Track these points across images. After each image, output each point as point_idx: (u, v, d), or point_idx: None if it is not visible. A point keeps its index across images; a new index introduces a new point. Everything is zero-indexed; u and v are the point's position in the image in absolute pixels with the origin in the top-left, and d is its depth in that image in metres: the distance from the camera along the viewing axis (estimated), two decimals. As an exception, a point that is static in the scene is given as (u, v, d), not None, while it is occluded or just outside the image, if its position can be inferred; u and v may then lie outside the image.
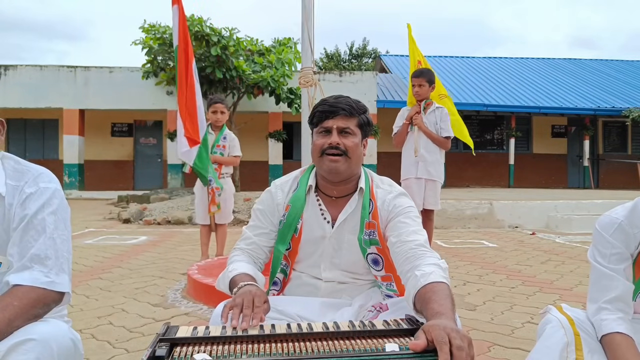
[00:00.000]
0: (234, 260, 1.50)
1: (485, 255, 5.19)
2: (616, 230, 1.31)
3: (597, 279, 1.31)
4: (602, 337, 1.25)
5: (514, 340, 2.51)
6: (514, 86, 17.22)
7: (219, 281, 1.47)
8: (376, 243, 1.46)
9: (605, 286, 1.29)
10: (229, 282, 1.39)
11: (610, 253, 1.30)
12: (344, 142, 1.44)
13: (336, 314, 1.43)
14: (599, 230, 1.34)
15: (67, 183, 14.01)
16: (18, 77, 13.97)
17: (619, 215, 1.32)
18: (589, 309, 1.32)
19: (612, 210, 1.36)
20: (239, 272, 1.40)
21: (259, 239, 1.54)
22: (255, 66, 11.97)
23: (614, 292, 1.27)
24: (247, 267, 1.45)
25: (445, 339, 0.91)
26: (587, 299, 1.33)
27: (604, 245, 1.32)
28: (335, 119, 1.44)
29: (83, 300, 3.27)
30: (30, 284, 1.16)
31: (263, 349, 0.99)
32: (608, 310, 1.26)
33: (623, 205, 1.34)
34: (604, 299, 1.27)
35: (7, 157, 1.31)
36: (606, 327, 1.24)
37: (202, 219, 4.33)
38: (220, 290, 1.47)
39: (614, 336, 1.22)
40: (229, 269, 1.43)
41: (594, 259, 1.34)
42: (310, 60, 3.47)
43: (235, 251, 1.55)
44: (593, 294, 1.32)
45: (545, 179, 16.36)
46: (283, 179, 1.61)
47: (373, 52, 30.90)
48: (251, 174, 14.17)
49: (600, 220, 1.36)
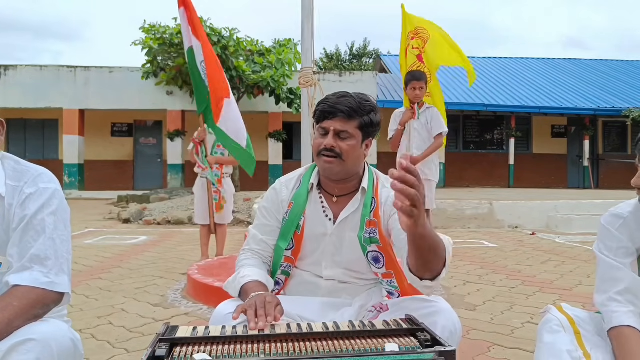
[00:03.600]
0: (245, 264, 1.48)
1: (485, 255, 5.19)
2: (622, 226, 1.31)
3: (605, 270, 1.31)
4: (610, 329, 1.23)
5: (514, 340, 2.50)
6: (514, 86, 17.22)
7: (228, 284, 1.45)
8: (376, 242, 1.46)
9: (614, 277, 1.28)
10: (240, 288, 1.38)
11: (617, 247, 1.30)
12: (339, 145, 1.42)
13: (336, 314, 1.43)
14: (605, 225, 1.34)
15: (67, 183, 14.01)
16: (18, 77, 13.97)
17: (624, 211, 1.32)
18: (597, 300, 1.30)
19: (617, 206, 1.36)
20: (251, 280, 1.39)
21: (268, 237, 1.53)
22: (256, 66, 11.98)
23: (623, 283, 1.26)
24: (259, 273, 1.44)
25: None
26: (595, 290, 1.32)
27: (610, 239, 1.32)
28: (334, 120, 1.43)
29: (83, 300, 3.27)
30: (30, 284, 1.16)
31: (263, 349, 0.99)
32: (619, 302, 1.25)
33: (627, 202, 1.34)
34: (615, 290, 1.26)
35: (7, 158, 1.30)
36: (617, 320, 1.22)
37: (201, 219, 4.33)
38: (228, 292, 1.45)
39: (623, 329, 1.21)
40: (241, 274, 1.42)
41: (600, 251, 1.34)
42: (310, 60, 3.47)
43: (245, 253, 1.53)
44: (601, 285, 1.30)
45: (545, 179, 16.35)
46: (288, 176, 1.61)
47: (374, 52, 30.88)
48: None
49: (605, 216, 1.36)
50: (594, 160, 16.87)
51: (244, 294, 1.36)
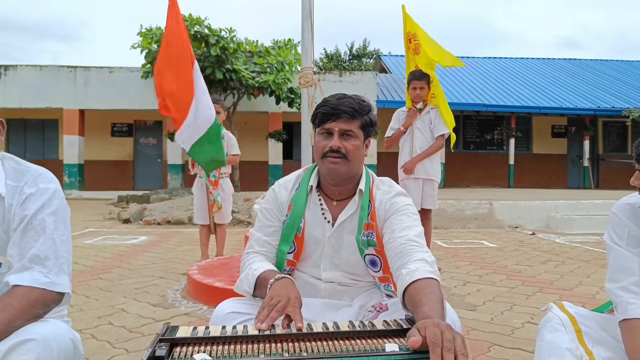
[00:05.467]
0: (253, 261, 1.46)
1: (485, 256, 5.19)
2: (633, 214, 1.30)
3: (617, 259, 1.29)
4: (622, 321, 1.21)
5: (514, 340, 2.51)
6: (514, 86, 17.22)
7: (240, 282, 1.43)
8: (374, 244, 1.46)
9: (627, 267, 1.26)
10: (255, 281, 1.37)
11: (628, 235, 1.29)
12: (344, 145, 1.43)
13: (336, 315, 1.43)
14: (616, 213, 1.33)
15: (67, 183, 14.01)
16: (18, 77, 13.97)
17: (637, 200, 1.32)
18: (609, 289, 1.28)
19: (629, 195, 1.35)
20: (265, 269, 1.38)
21: (271, 238, 1.51)
22: (255, 67, 11.98)
23: (638, 274, 1.24)
24: (271, 265, 1.44)
25: (437, 340, 0.92)
26: (607, 280, 1.30)
27: (621, 227, 1.31)
28: (338, 121, 1.43)
29: (83, 300, 3.27)
30: (29, 284, 1.16)
31: (263, 349, 0.99)
32: (635, 294, 1.23)
33: (637, 193, 1.33)
34: (630, 280, 1.24)
35: (7, 158, 1.30)
36: (632, 312, 1.20)
37: (201, 219, 4.33)
38: (240, 293, 1.43)
39: (638, 322, 1.19)
40: (252, 268, 1.40)
41: (611, 240, 1.32)
42: (310, 61, 3.47)
43: (250, 255, 1.51)
44: (614, 274, 1.29)
45: (545, 179, 16.35)
46: (286, 178, 1.60)
47: (374, 52, 30.87)
48: (251, 174, 14.17)
49: (616, 205, 1.35)
50: (594, 161, 16.87)
51: (261, 283, 1.35)
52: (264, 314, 1.14)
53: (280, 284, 1.27)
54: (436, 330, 0.94)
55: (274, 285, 1.27)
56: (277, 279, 1.29)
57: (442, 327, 0.96)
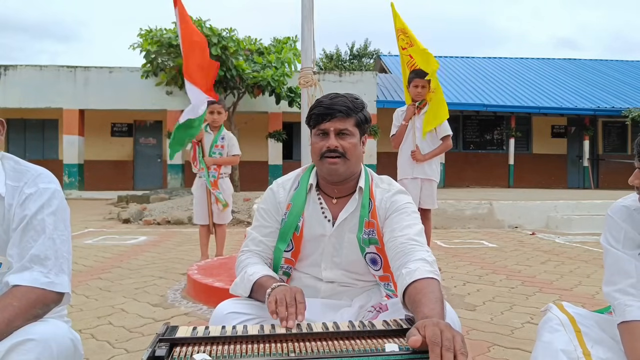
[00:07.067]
0: (248, 263, 1.46)
1: (485, 256, 5.19)
2: (628, 217, 1.30)
3: (614, 261, 1.29)
4: (621, 323, 1.21)
5: (513, 340, 2.51)
6: (514, 86, 17.23)
7: (235, 286, 1.43)
8: (375, 242, 1.46)
9: (624, 269, 1.26)
10: (252, 286, 1.37)
11: (624, 237, 1.29)
12: (342, 144, 1.43)
13: (336, 315, 1.43)
14: (611, 215, 1.33)
15: (67, 183, 14.01)
16: (18, 77, 13.97)
17: (632, 203, 1.32)
18: (607, 292, 1.28)
19: (624, 198, 1.35)
20: (263, 275, 1.37)
21: (267, 238, 1.51)
22: (255, 65, 11.99)
23: (635, 276, 1.24)
24: (267, 269, 1.44)
25: (437, 339, 0.92)
26: (604, 282, 1.30)
27: (617, 229, 1.30)
28: (333, 121, 1.43)
29: (83, 300, 3.27)
30: (29, 284, 1.16)
31: (263, 349, 0.99)
32: (633, 296, 1.22)
33: (634, 194, 1.33)
34: (627, 283, 1.23)
35: (7, 158, 1.30)
36: (630, 314, 1.20)
37: (201, 219, 4.33)
38: (235, 294, 1.43)
39: (636, 324, 1.19)
40: (248, 272, 1.40)
41: (607, 243, 1.32)
42: (310, 60, 3.47)
43: (245, 254, 1.51)
44: (611, 277, 1.28)
45: (545, 179, 16.36)
46: (284, 177, 1.60)
47: (375, 52, 30.87)
48: (251, 174, 14.17)
49: (612, 207, 1.35)
50: (594, 161, 16.87)
51: (258, 290, 1.34)
52: (282, 312, 1.14)
53: (281, 287, 1.27)
54: (435, 329, 0.94)
55: (275, 290, 1.27)
56: (273, 288, 1.28)
57: (441, 326, 0.96)
